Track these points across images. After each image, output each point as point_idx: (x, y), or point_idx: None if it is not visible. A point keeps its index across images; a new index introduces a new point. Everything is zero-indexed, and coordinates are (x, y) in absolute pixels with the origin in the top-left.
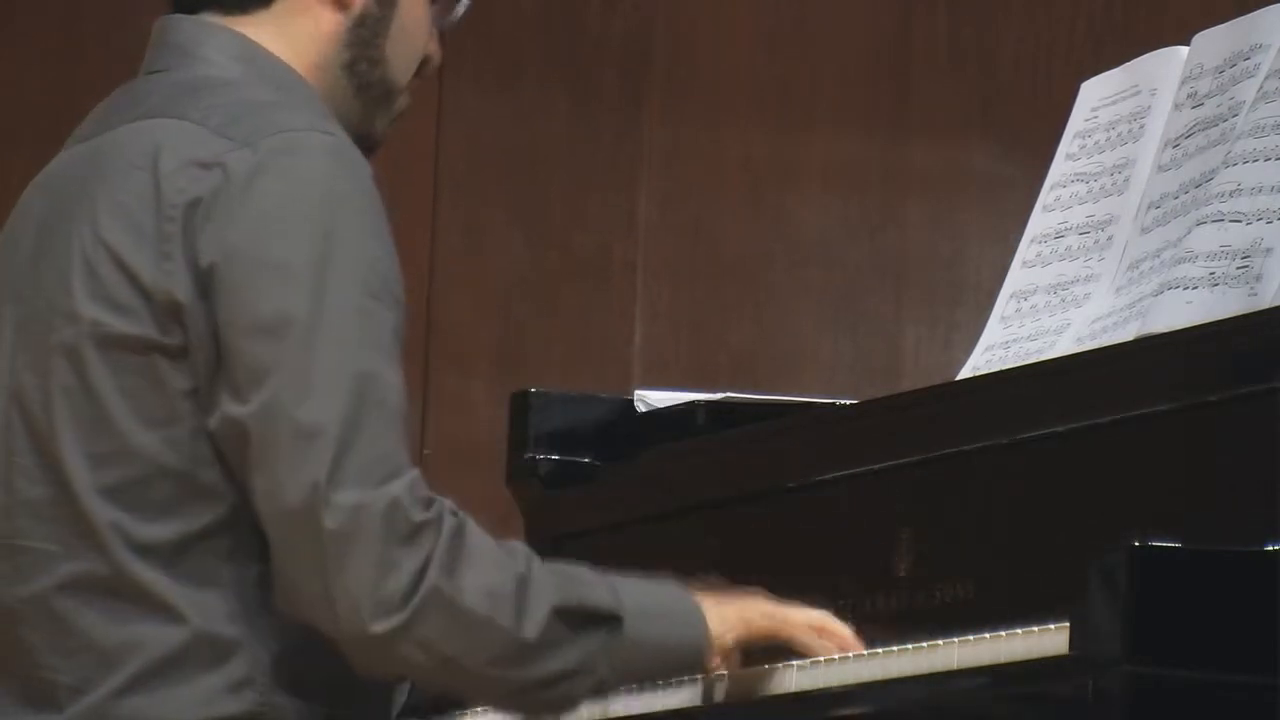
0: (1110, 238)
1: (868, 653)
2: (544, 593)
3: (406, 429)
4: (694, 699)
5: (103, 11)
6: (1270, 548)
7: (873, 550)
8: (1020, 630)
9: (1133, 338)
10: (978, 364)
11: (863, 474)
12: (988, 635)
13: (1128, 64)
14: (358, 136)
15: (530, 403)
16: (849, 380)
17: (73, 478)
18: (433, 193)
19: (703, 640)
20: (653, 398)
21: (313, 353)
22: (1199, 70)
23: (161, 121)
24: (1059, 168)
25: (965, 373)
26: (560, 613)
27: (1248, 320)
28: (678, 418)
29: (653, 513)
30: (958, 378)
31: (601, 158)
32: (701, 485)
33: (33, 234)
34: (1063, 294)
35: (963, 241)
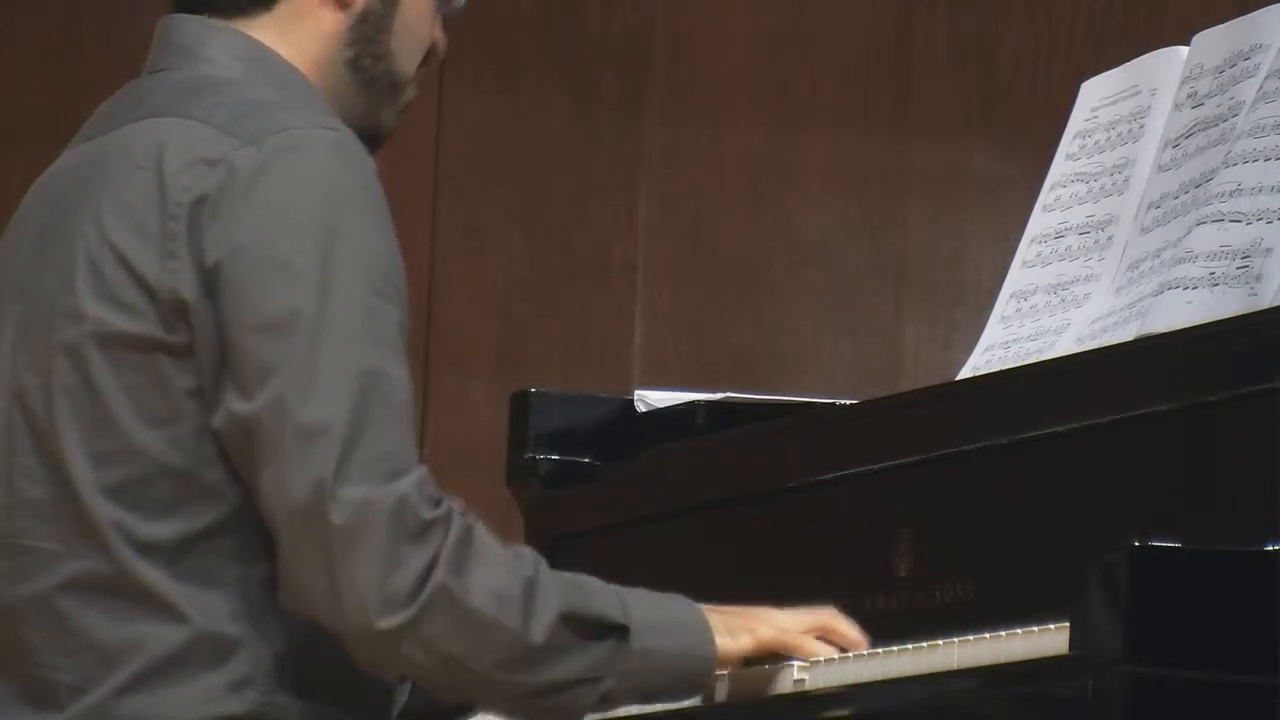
0: (1110, 238)
1: (868, 653)
2: (551, 598)
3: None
4: (694, 700)
5: (103, 11)
6: (1270, 548)
7: (873, 550)
8: (1020, 630)
9: (1133, 338)
10: (978, 364)
11: (863, 474)
12: (988, 635)
13: (1128, 64)
14: (365, 130)
15: (530, 403)
16: (849, 380)
17: (75, 477)
18: (433, 192)
19: (710, 654)
20: (653, 398)
21: (319, 349)
22: (1199, 70)
23: (165, 120)
24: (1059, 168)
25: (965, 373)
26: (567, 619)
27: (1248, 320)
28: (678, 418)
29: (653, 513)
30: (958, 378)
31: (601, 158)
32: (701, 485)
33: (35, 234)
34: (1063, 294)
35: (963, 241)
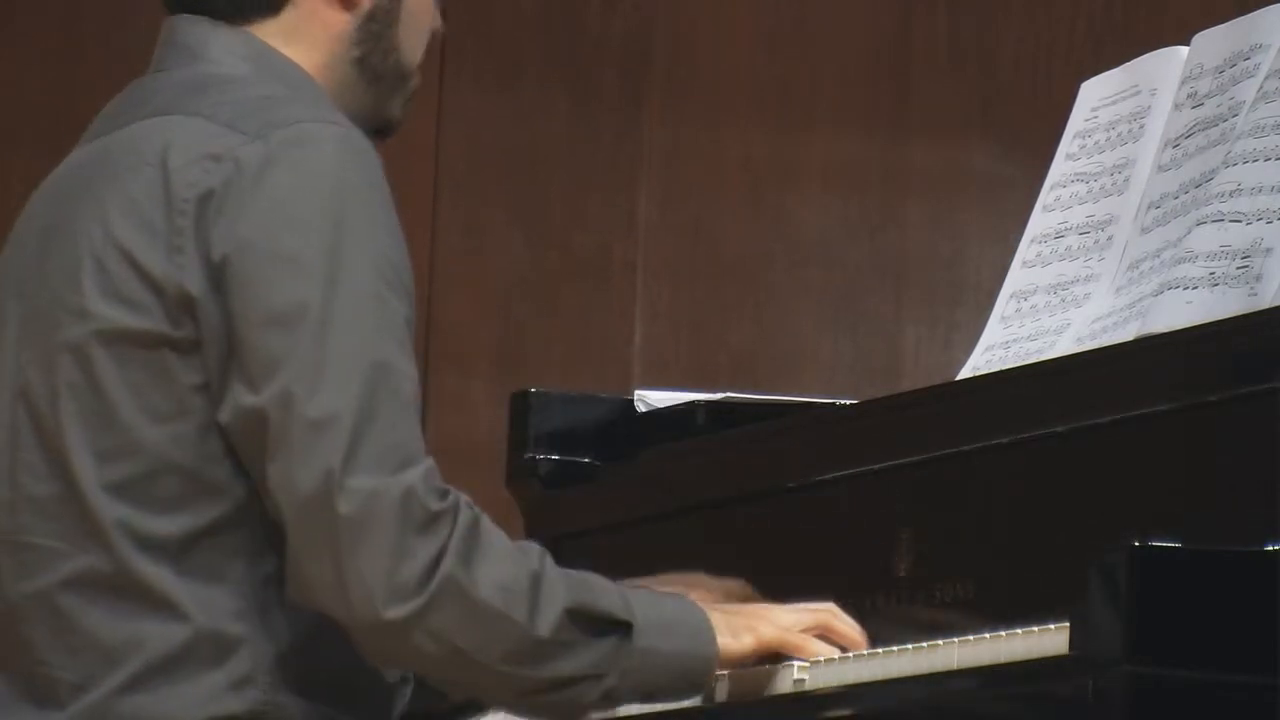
0: (1110, 238)
1: (868, 653)
2: (557, 592)
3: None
4: (694, 699)
5: (103, 11)
6: (1270, 548)
7: (873, 550)
8: (1020, 630)
9: (1133, 338)
10: (978, 364)
11: (863, 474)
12: (988, 635)
13: (1128, 64)
14: (375, 123)
15: (530, 403)
16: (849, 380)
17: (79, 474)
18: (433, 193)
19: (711, 654)
20: (653, 398)
21: (326, 342)
22: (1199, 70)
23: (171, 118)
24: (1059, 168)
25: (965, 373)
26: (573, 614)
27: (1248, 320)
28: (678, 418)
29: (653, 513)
30: (958, 378)
31: (601, 158)
32: (701, 485)
33: (39, 232)
34: (1063, 294)
35: (963, 241)
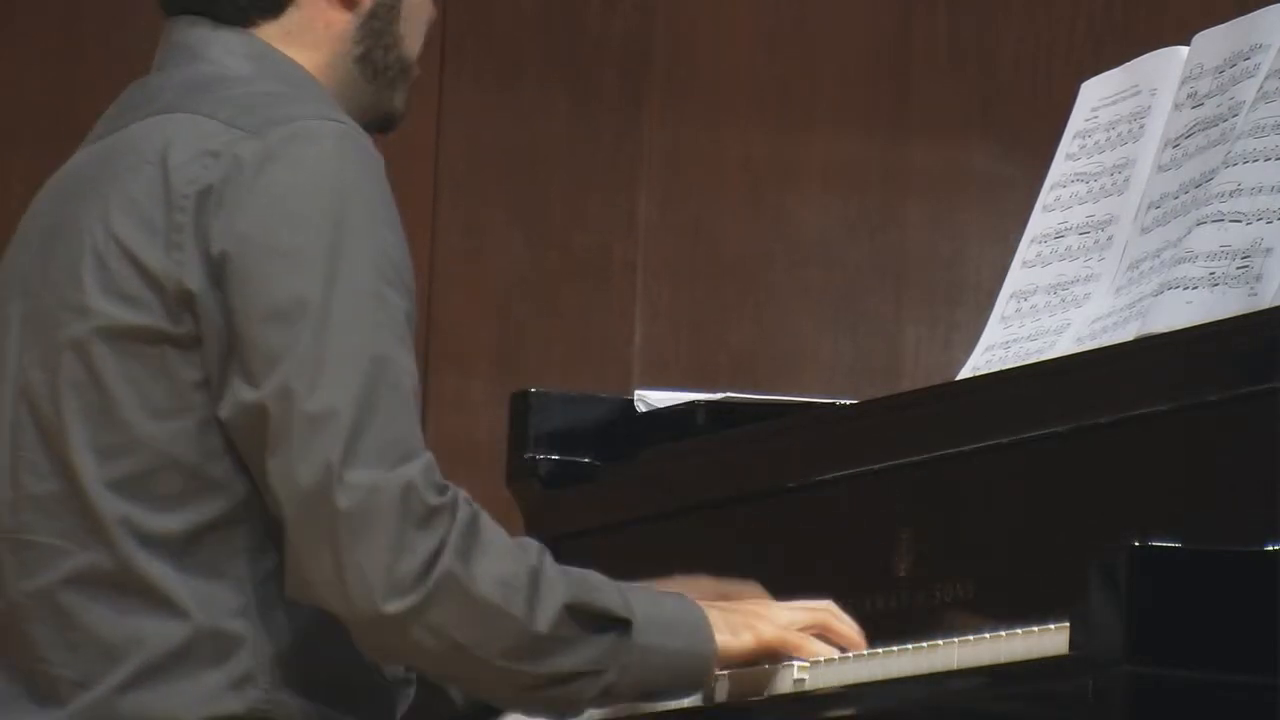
0: (1110, 238)
1: (868, 653)
2: (556, 588)
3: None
4: (694, 699)
5: (103, 11)
6: (1270, 548)
7: (873, 550)
8: (1020, 630)
9: (1133, 338)
10: (978, 364)
11: (863, 474)
12: (988, 635)
13: (1128, 64)
14: (378, 118)
15: (530, 403)
16: (849, 380)
17: (81, 472)
18: (433, 193)
19: (709, 652)
20: (653, 398)
21: (325, 337)
22: (1199, 70)
23: (173, 117)
24: (1059, 168)
25: (965, 373)
26: (571, 610)
27: (1248, 320)
28: (678, 418)
29: (653, 513)
30: (958, 378)
31: (601, 158)
32: (701, 485)
33: (41, 232)
34: (1063, 294)
35: (963, 241)
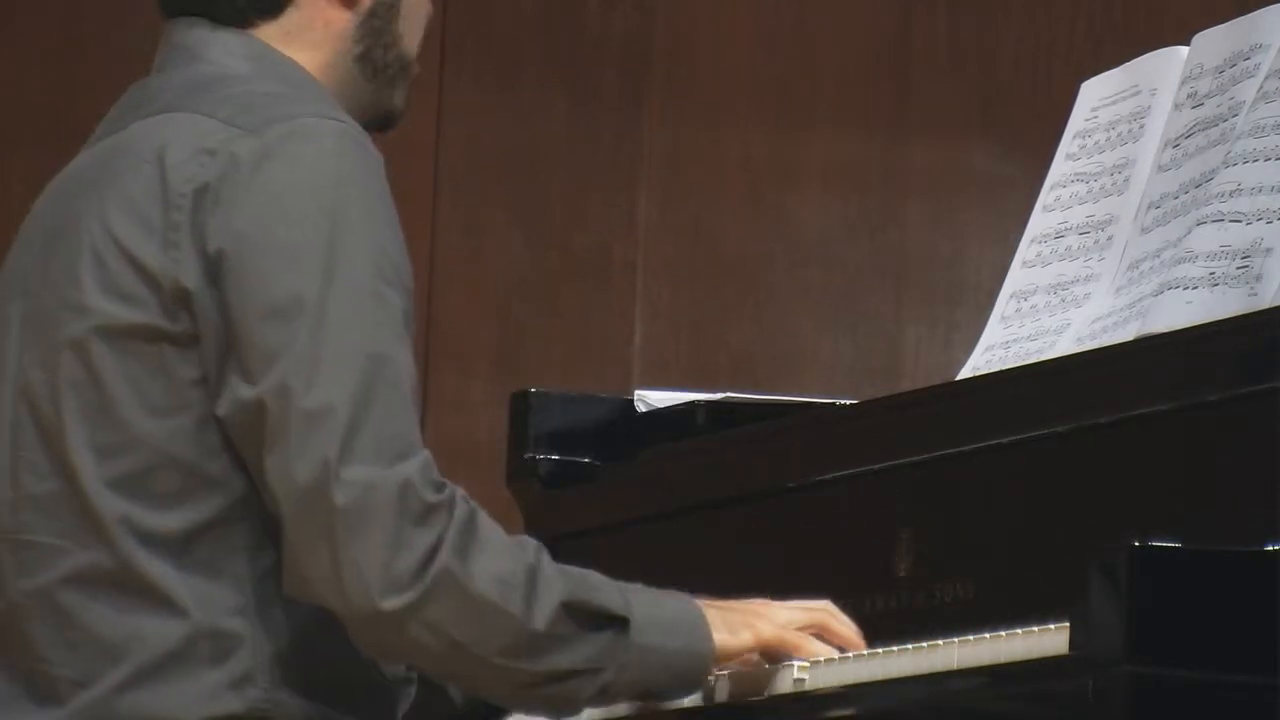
0: (1110, 238)
1: (868, 653)
2: (554, 586)
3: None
4: (694, 699)
5: (103, 11)
6: (1270, 548)
7: (873, 550)
8: (1020, 630)
9: (1133, 338)
10: (978, 364)
11: (863, 474)
12: (988, 635)
13: (1128, 64)
14: (379, 116)
15: (530, 403)
16: (849, 380)
17: (80, 471)
18: (433, 192)
19: (707, 651)
20: (653, 398)
21: (322, 334)
22: (1199, 70)
23: (172, 116)
24: (1059, 168)
25: (965, 373)
26: (569, 607)
27: (1248, 320)
28: (678, 418)
29: (653, 513)
30: (958, 378)
31: (601, 158)
32: (701, 485)
33: (42, 233)
34: (1063, 294)
35: (963, 241)
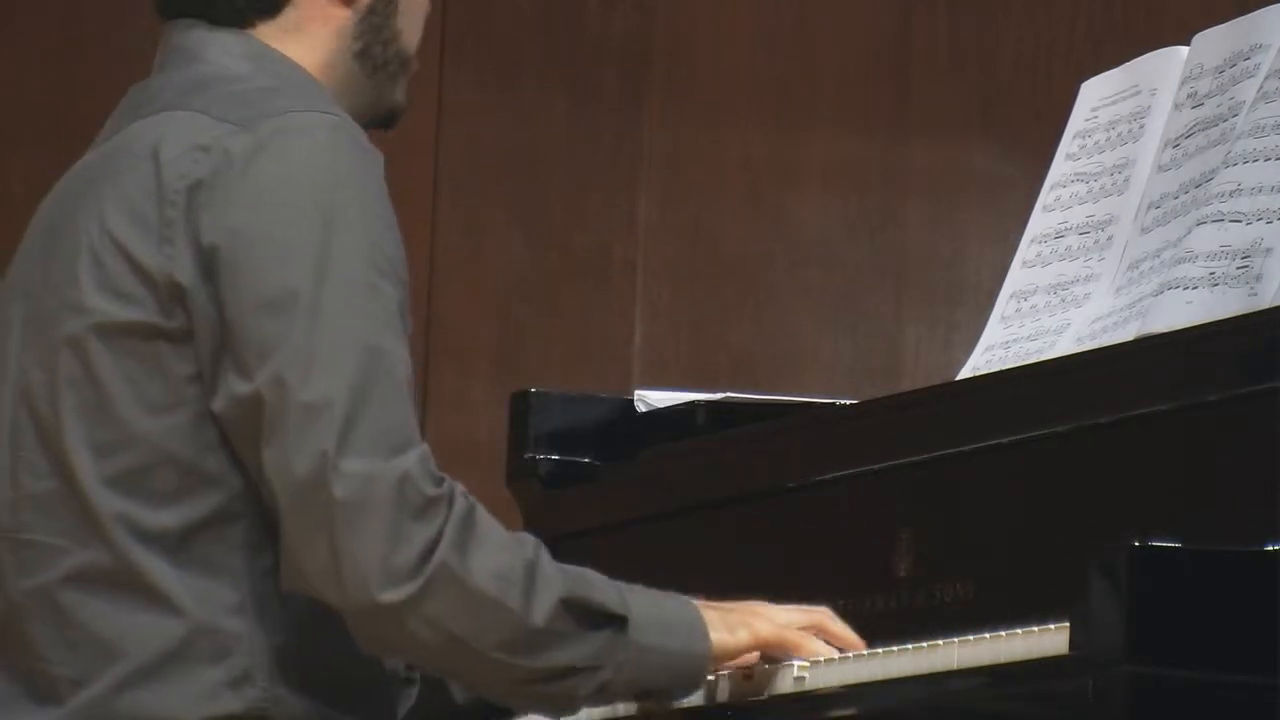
0: (1110, 238)
1: (868, 653)
2: (552, 582)
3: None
4: (695, 699)
5: (103, 11)
6: (1270, 548)
7: (873, 550)
8: (1020, 630)
9: (1133, 338)
10: (978, 364)
11: (863, 474)
12: (988, 635)
13: (1128, 64)
14: (379, 113)
15: (530, 403)
16: (849, 380)
17: (78, 469)
18: (433, 192)
19: (704, 651)
20: (653, 398)
21: (318, 327)
22: (1199, 70)
23: (169, 114)
24: (1059, 168)
25: (965, 373)
26: (568, 604)
27: (1248, 320)
28: (678, 418)
29: (653, 513)
30: (958, 378)
31: (601, 158)
32: (701, 485)
33: (43, 235)
34: (1063, 294)
35: (963, 241)
